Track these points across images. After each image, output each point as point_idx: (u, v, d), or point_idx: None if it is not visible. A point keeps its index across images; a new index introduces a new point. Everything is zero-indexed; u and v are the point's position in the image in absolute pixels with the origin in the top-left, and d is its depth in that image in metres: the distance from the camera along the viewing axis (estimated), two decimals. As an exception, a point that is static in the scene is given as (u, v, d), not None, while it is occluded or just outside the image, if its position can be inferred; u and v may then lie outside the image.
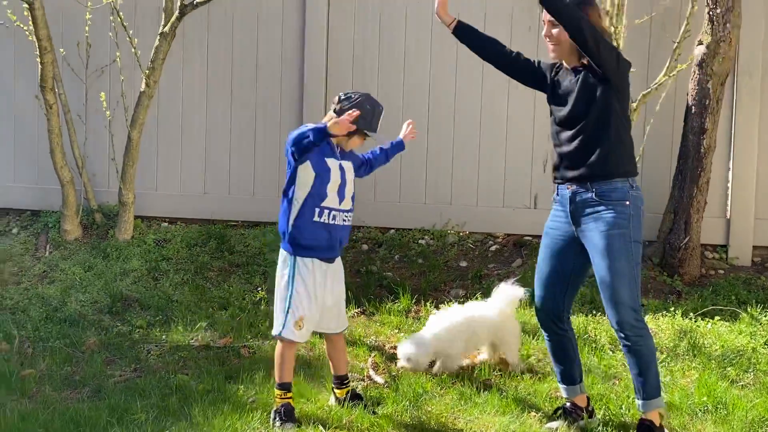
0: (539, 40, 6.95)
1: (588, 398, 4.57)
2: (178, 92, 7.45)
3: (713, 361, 5.23)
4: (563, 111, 4.27)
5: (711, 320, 5.80)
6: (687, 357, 5.33)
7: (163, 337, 5.65)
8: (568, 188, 4.28)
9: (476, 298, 6.12)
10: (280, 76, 7.32)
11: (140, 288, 6.34)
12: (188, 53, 7.41)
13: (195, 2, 6.65)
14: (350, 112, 4.34)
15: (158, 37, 6.76)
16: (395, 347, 5.48)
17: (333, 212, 4.48)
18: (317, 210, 4.44)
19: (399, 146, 4.93)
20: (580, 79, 4.21)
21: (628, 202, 4.18)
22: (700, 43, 6.25)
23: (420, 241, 7.02)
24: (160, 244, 6.96)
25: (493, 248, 6.93)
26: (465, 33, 4.46)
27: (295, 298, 4.44)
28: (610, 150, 4.17)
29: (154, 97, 6.95)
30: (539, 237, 6.95)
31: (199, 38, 7.40)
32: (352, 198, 4.58)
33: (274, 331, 4.49)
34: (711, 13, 6.19)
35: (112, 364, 5.29)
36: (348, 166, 4.56)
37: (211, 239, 6.99)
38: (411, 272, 6.63)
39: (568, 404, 4.52)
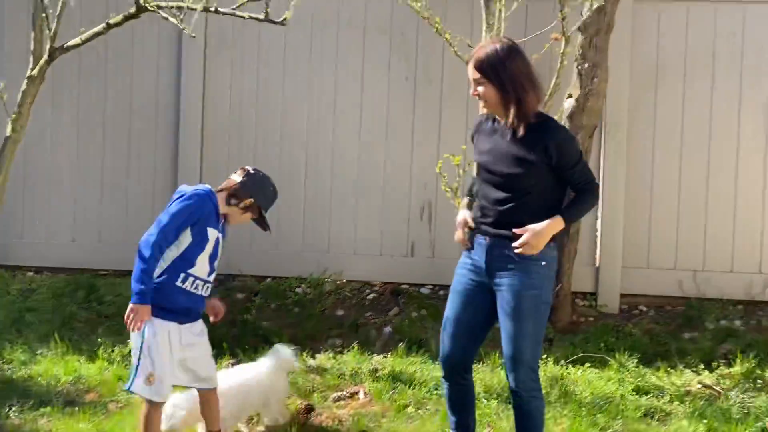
0: (416, 89, 7.07)
1: None
2: (46, 137, 7.25)
3: (584, 409, 5.33)
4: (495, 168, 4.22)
5: (581, 367, 5.92)
6: (558, 404, 5.41)
7: (26, 392, 5.42)
8: (486, 240, 4.22)
9: (353, 347, 6.09)
10: (155, 122, 7.21)
11: (2, 341, 6.08)
12: (58, 97, 7.23)
13: (65, 46, 6.49)
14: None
15: (26, 81, 6.56)
16: (270, 399, 5.41)
17: (197, 281, 4.36)
18: (182, 275, 4.31)
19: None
20: (511, 139, 4.16)
21: (544, 263, 4.15)
22: (570, 96, 6.45)
23: (297, 290, 6.96)
24: (25, 295, 6.72)
25: (370, 297, 6.93)
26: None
27: (145, 353, 4.26)
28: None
29: (20, 142, 6.73)
30: (416, 285, 7.08)
31: (70, 82, 7.23)
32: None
33: (126, 385, 4.33)
34: (579, 67, 6.39)
35: (-30, 421, 5.05)
36: (220, 239, 4.43)
37: (80, 289, 6.78)
38: (287, 321, 6.57)
39: None
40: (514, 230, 4.07)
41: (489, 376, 5.65)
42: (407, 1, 5.86)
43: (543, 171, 4.11)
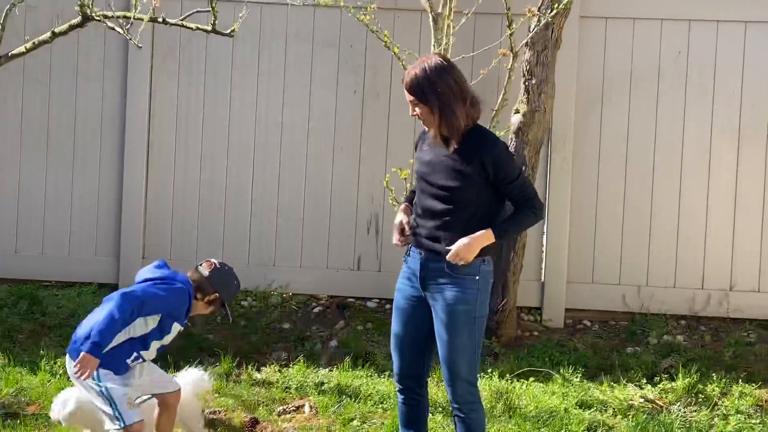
0: (364, 102, 7.08)
1: None
2: (-11, 146, 7.13)
3: (528, 422, 5.36)
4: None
5: (526, 381, 5.95)
6: (503, 418, 5.44)
7: (-35, 405, 5.33)
8: (420, 253, 4.25)
9: (299, 361, 6.07)
10: (100, 131, 7.13)
11: (-59, 352, 5.97)
12: (2, 106, 7.12)
13: (9, 54, 6.40)
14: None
15: (-31, 89, 6.47)
16: (214, 412, 5.36)
17: (143, 361, 4.51)
18: (134, 354, 4.45)
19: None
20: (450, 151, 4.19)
21: (477, 277, 4.17)
22: (517, 111, 6.50)
23: (243, 303, 6.92)
24: (-34, 306, 6.60)
25: (316, 310, 6.91)
26: None
27: (112, 392, 4.37)
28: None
29: (-37, 150, 6.63)
30: (362, 299, 7.08)
31: (14, 91, 7.12)
32: None
33: (116, 428, 4.38)
34: (527, 83, 6.45)
35: None
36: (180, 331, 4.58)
37: (22, 300, 6.67)
38: (233, 334, 6.52)
39: None
40: (446, 248, 4.11)
41: (434, 390, 5.65)
42: (356, 14, 5.88)
43: (480, 184, 4.14)
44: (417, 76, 4.17)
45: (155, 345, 4.50)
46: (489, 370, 6.03)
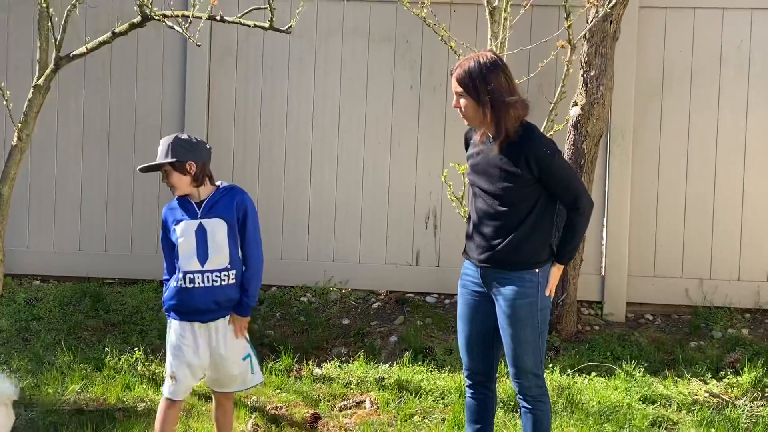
0: (421, 97, 7.07)
1: None
2: (52, 146, 7.25)
3: (591, 418, 5.31)
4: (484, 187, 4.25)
5: (588, 376, 5.90)
6: (565, 413, 5.40)
7: (34, 400, 5.41)
8: (478, 269, 4.27)
9: (359, 356, 6.09)
10: (160, 131, 7.20)
11: (9, 349, 6.07)
12: (64, 106, 7.24)
13: (71, 55, 6.50)
14: None
15: (32, 90, 6.57)
16: (276, 408, 5.40)
17: (191, 275, 4.39)
18: (177, 273, 4.44)
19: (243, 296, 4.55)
20: (497, 151, 4.18)
21: (538, 270, 4.19)
22: (575, 104, 6.44)
23: (302, 299, 6.95)
24: (32, 303, 6.71)
25: (375, 305, 6.92)
26: None
27: (168, 354, 4.46)
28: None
29: (26, 151, 6.73)
30: (421, 294, 7.07)
31: (76, 91, 7.23)
32: (236, 255, 4.44)
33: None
34: (585, 75, 6.39)
35: (-24, 430, 5.04)
36: (214, 224, 4.43)
37: (86, 298, 6.77)
38: (293, 330, 6.55)
39: None
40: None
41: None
42: (412, 9, 5.87)
43: (530, 183, 4.13)
44: (469, 69, 4.15)
45: (184, 251, 4.46)
46: (550, 365, 5.99)
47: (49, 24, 6.43)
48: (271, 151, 7.15)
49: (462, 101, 4.20)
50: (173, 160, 4.40)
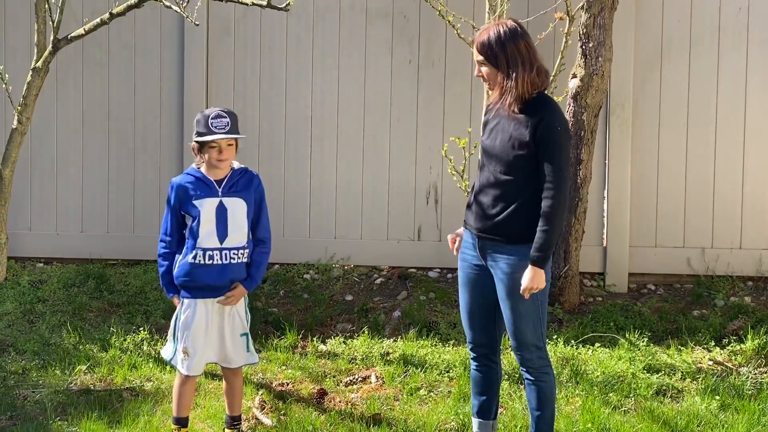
0: (419, 72, 7.06)
1: None
2: (52, 128, 7.25)
3: (595, 388, 5.34)
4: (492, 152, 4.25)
5: (591, 347, 5.93)
6: (570, 384, 5.42)
7: (41, 381, 5.44)
8: (476, 239, 4.29)
9: (363, 332, 6.11)
10: (159, 112, 7.21)
11: (14, 332, 6.10)
12: (63, 88, 7.22)
13: (69, 37, 6.49)
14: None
15: (30, 73, 6.57)
16: (282, 384, 5.43)
17: (210, 252, 4.42)
18: (194, 251, 4.44)
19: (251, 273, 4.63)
20: (510, 118, 4.18)
21: None
22: (574, 76, 6.43)
23: (305, 276, 6.97)
24: (36, 286, 6.73)
25: (378, 281, 6.94)
26: None
27: (180, 327, 4.49)
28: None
29: (26, 133, 6.74)
30: (424, 269, 7.09)
31: (74, 73, 7.22)
32: (250, 233, 4.53)
33: (166, 356, 4.59)
34: (584, 47, 6.37)
35: (-15, 412, 5.07)
36: (234, 203, 4.47)
37: (90, 279, 6.79)
38: (297, 307, 6.58)
39: None
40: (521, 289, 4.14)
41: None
42: (410, -17, 5.85)
43: (536, 154, 4.13)
44: (490, 36, 4.17)
45: (204, 228, 4.48)
46: (554, 337, 6.02)
47: (46, 6, 6.42)
48: (271, 129, 7.15)
49: (484, 69, 4.22)
50: (243, 136, 4.52)
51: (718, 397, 5.23)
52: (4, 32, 7.24)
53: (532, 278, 4.09)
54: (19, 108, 6.60)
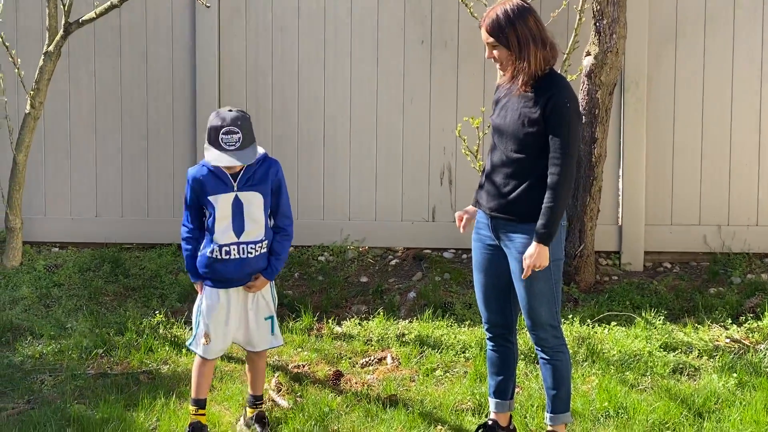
0: (432, 53, 7.02)
1: (510, 417, 4.53)
2: (65, 113, 7.25)
3: (612, 367, 5.33)
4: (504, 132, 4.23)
5: (608, 326, 5.91)
6: (587, 363, 5.41)
7: (57, 366, 5.46)
8: (488, 219, 4.28)
9: (379, 313, 6.11)
10: (172, 94, 7.20)
11: (31, 316, 6.12)
12: (75, 72, 7.22)
13: (80, 20, 6.49)
14: None
15: (42, 57, 6.57)
16: (298, 366, 5.43)
17: (227, 247, 4.41)
18: (211, 245, 4.43)
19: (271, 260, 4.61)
20: (520, 97, 4.16)
21: None
22: (588, 54, 6.38)
23: (319, 258, 6.97)
24: (51, 270, 6.75)
25: (393, 263, 6.93)
26: None
27: (202, 313, 4.50)
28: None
29: (39, 118, 6.75)
30: (438, 250, 7.08)
31: (86, 57, 7.21)
32: (268, 226, 4.51)
33: (188, 342, 4.63)
34: (598, 24, 6.32)
35: (3, 396, 5.09)
36: (251, 197, 4.44)
37: (105, 263, 6.80)
38: (312, 289, 6.58)
39: (490, 422, 4.48)
40: (522, 266, 4.13)
41: (516, 337, 5.66)
42: (422, -38, 5.81)
43: (546, 132, 4.11)
44: (498, 16, 4.13)
45: (219, 224, 4.45)
46: (570, 316, 6.00)
47: (57, -10, 6.41)
48: (284, 110, 7.13)
49: (495, 52, 4.18)
50: (251, 162, 4.38)
51: (735, 375, 5.21)
52: (16, 17, 7.23)
53: (535, 255, 4.07)
54: (31, 93, 6.60)
